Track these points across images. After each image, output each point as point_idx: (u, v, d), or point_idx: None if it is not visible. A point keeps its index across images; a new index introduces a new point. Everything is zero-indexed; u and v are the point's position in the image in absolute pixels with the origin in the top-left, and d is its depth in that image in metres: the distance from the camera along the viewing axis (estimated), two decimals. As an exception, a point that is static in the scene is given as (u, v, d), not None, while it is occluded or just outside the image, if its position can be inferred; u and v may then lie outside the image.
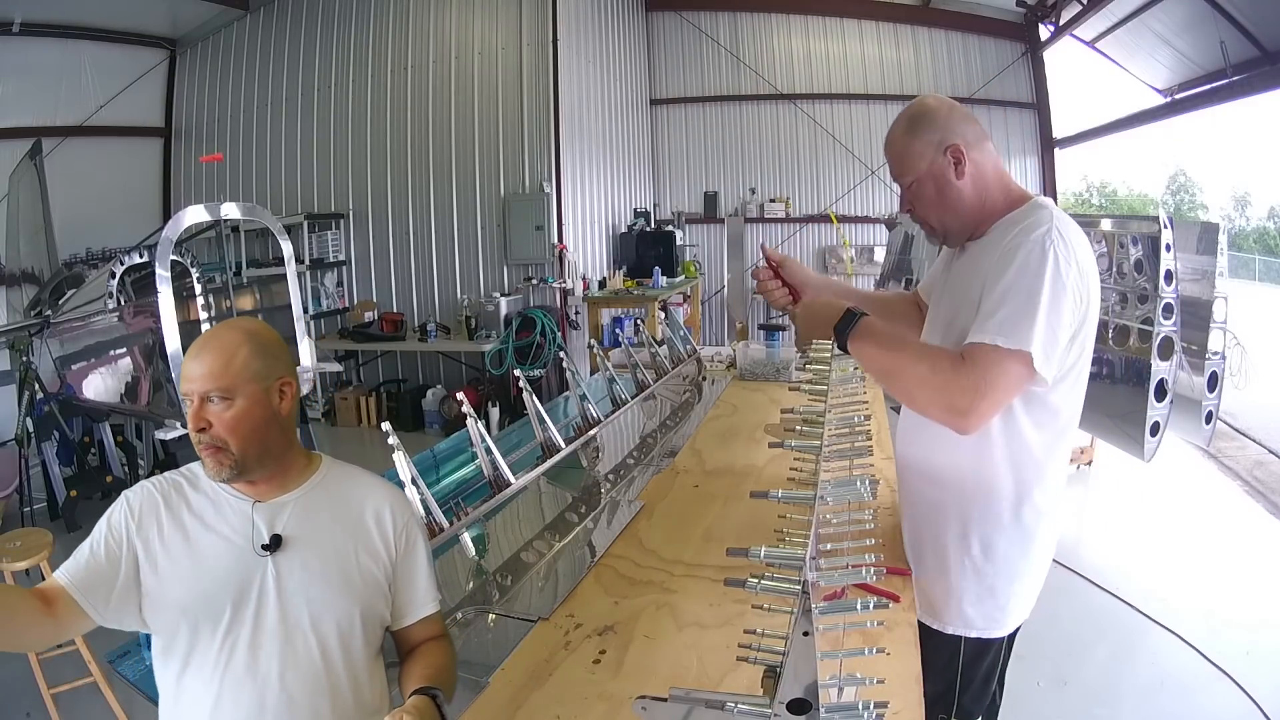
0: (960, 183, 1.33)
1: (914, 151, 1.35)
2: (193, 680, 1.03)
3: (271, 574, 1.05)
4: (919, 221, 1.42)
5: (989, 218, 1.36)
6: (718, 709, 0.90)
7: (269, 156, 7.36)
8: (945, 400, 1.21)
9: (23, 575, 2.46)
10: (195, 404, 1.06)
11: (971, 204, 1.35)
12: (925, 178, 1.35)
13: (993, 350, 1.18)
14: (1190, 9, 6.29)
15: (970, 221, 1.37)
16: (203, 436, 1.05)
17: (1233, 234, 25.07)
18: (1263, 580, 3.51)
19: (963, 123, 1.35)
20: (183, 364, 1.08)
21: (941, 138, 1.33)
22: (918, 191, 1.37)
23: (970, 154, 1.33)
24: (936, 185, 1.34)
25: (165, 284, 3.00)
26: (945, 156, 1.33)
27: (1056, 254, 1.20)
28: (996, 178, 1.36)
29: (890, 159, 1.41)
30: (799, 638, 1.01)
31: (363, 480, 1.19)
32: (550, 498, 2.03)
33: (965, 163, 1.32)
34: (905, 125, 1.37)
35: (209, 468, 1.07)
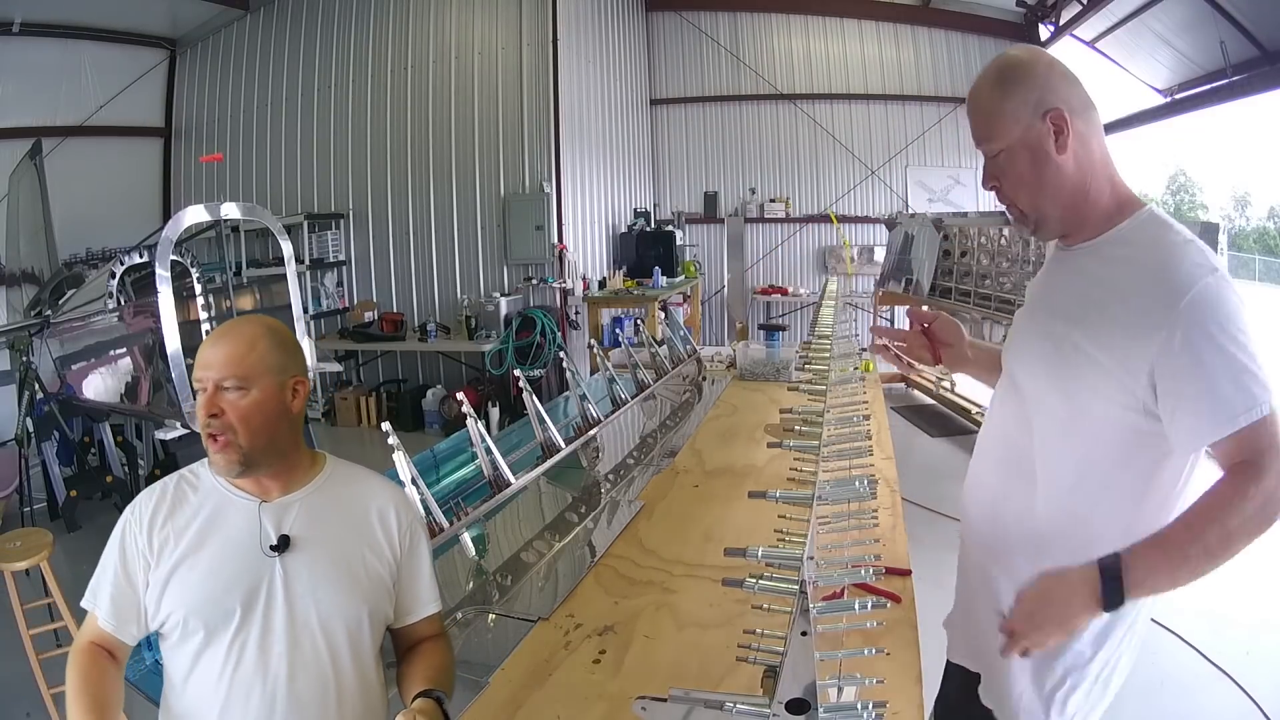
0: (1061, 158, 1.08)
1: (1005, 113, 1.09)
2: (200, 682, 1.02)
3: (280, 575, 1.04)
4: (1005, 202, 1.16)
5: (1093, 215, 1.12)
6: (717, 709, 0.91)
7: (269, 156, 7.36)
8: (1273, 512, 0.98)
9: (23, 575, 2.46)
10: (210, 390, 1.05)
11: (1074, 187, 1.10)
12: (1018, 147, 1.09)
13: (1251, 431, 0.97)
14: (1190, 9, 6.29)
15: (1070, 210, 1.12)
16: (213, 422, 1.04)
17: (1233, 234, 25.09)
18: (1263, 580, 3.51)
19: (1065, 83, 1.09)
20: (199, 351, 1.08)
21: (1040, 98, 1.08)
22: (1007, 163, 1.11)
23: (1075, 123, 1.08)
24: (1032, 157, 1.09)
25: (165, 284, 3.00)
26: (1044, 123, 1.07)
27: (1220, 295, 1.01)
28: (1104, 162, 1.12)
29: (973, 119, 1.15)
30: (797, 638, 1.01)
31: (367, 480, 1.19)
32: (550, 498, 2.03)
33: (1068, 133, 1.07)
34: (994, 79, 1.12)
35: (216, 460, 1.06)
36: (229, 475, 1.07)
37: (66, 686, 1.01)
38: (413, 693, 1.04)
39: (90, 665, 1.03)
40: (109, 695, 1.01)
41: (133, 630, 1.05)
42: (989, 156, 1.14)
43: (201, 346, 1.08)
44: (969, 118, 1.16)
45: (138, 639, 1.06)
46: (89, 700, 0.99)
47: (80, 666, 1.02)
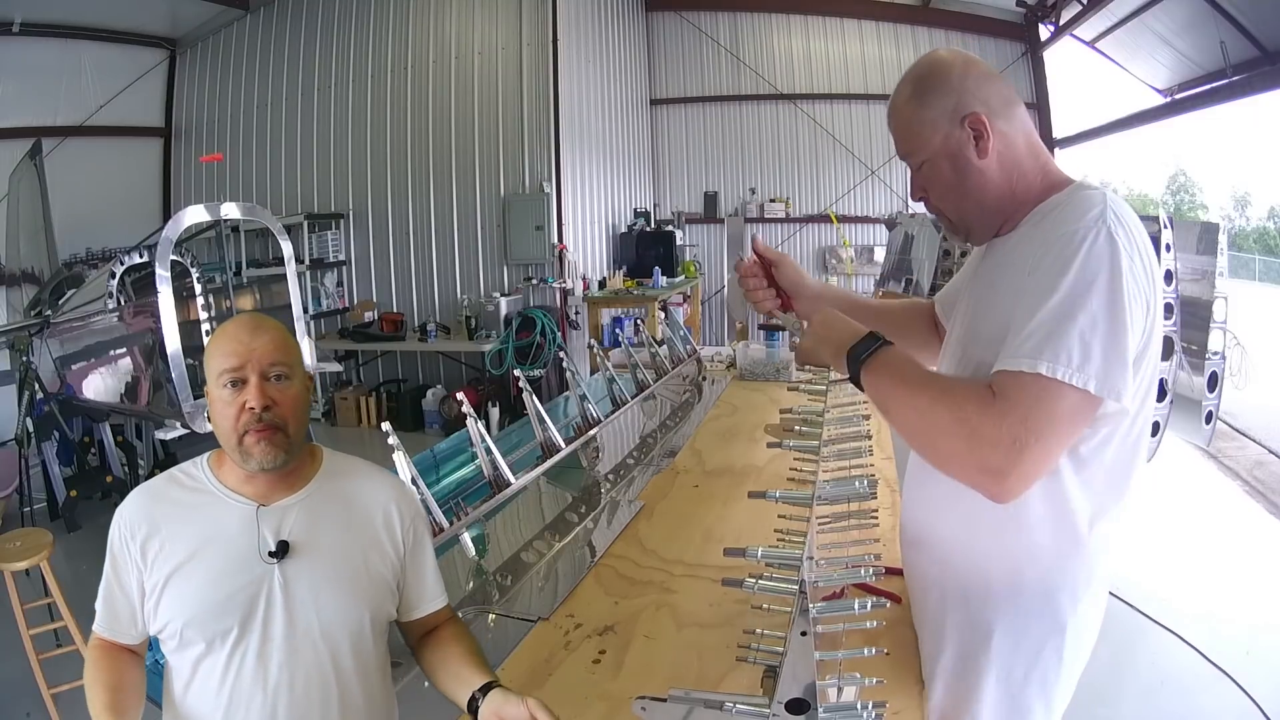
0: (983, 162, 1.04)
1: (923, 123, 1.06)
2: (200, 690, 1.01)
3: (279, 581, 1.01)
4: (933, 212, 1.14)
5: (1023, 206, 1.06)
6: (717, 709, 0.91)
7: (269, 156, 7.36)
8: (973, 458, 0.90)
9: (23, 575, 2.46)
10: (255, 380, 1.00)
11: (998, 189, 1.06)
12: (938, 157, 1.06)
13: (1033, 380, 0.88)
14: (1190, 9, 6.29)
15: (997, 211, 1.08)
16: (266, 415, 1.00)
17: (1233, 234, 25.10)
18: (1262, 580, 3.51)
19: (983, 83, 1.05)
20: (228, 339, 1.01)
21: (957, 104, 1.04)
22: (930, 173, 1.08)
23: (995, 124, 1.03)
24: (953, 166, 1.05)
25: (165, 284, 3.00)
26: (963, 129, 1.03)
27: (1115, 242, 0.90)
28: (1031, 154, 1.06)
29: (895, 133, 1.11)
30: (797, 638, 1.01)
31: (366, 475, 1.15)
32: (550, 498, 2.03)
33: (989, 136, 1.03)
34: (910, 89, 1.07)
35: (262, 451, 1.00)
36: (271, 465, 1.01)
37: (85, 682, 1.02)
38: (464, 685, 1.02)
39: (101, 657, 1.03)
40: (124, 682, 1.02)
41: (132, 633, 1.04)
42: (913, 169, 1.11)
43: (225, 337, 1.02)
44: (890, 131, 1.12)
45: (138, 640, 1.05)
46: (101, 687, 1.00)
47: (93, 660, 1.03)
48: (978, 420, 0.89)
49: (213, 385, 1.03)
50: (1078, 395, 0.88)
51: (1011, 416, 0.88)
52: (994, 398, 0.90)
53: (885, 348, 1.04)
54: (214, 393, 1.03)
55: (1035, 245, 0.97)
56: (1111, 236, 0.90)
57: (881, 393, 1.02)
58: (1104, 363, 0.87)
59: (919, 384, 0.98)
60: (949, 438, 0.93)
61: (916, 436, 0.99)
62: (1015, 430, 0.87)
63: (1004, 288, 1.02)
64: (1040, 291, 0.91)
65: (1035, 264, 0.94)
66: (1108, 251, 0.90)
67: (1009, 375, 0.90)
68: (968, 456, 0.91)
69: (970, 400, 0.91)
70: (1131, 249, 0.91)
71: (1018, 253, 1.02)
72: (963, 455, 0.92)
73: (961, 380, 0.99)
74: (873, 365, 1.03)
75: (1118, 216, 0.93)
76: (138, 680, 1.04)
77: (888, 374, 1.02)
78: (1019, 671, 1.07)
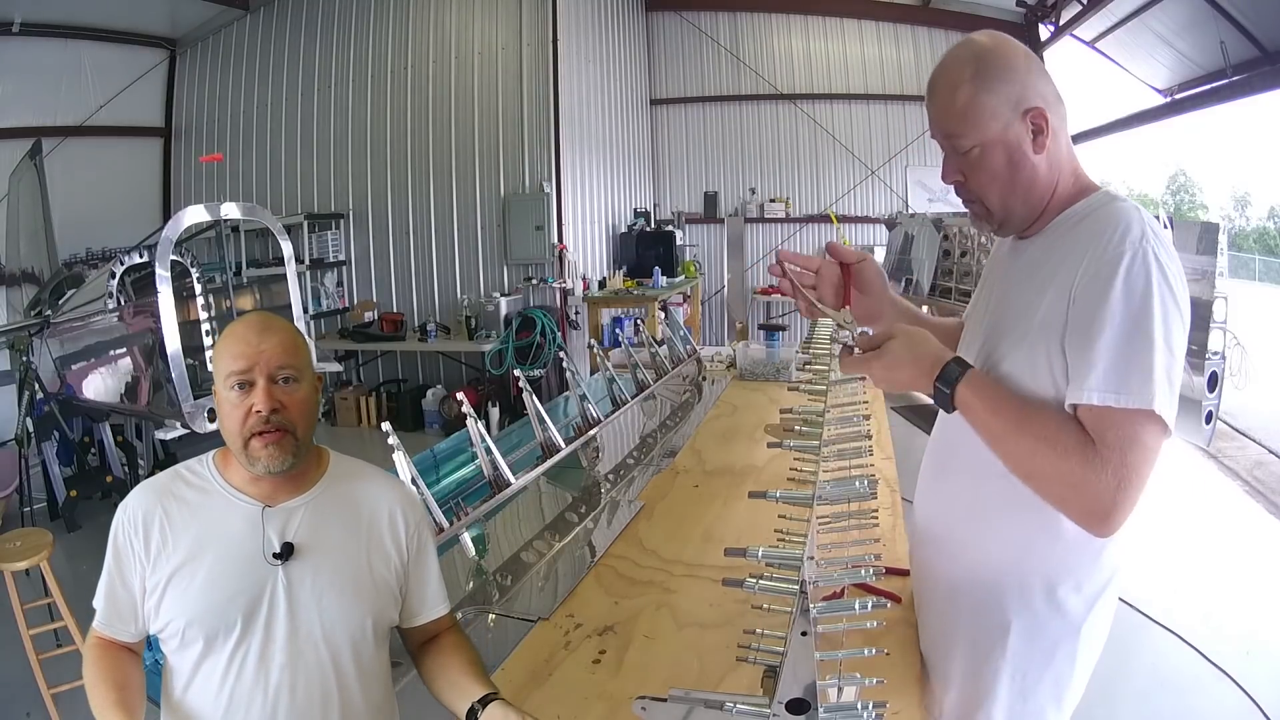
0: (1038, 158, 1.01)
1: (982, 108, 1.00)
2: (200, 691, 1.00)
3: (282, 584, 1.01)
4: (970, 199, 1.08)
5: (1054, 207, 1.05)
6: (717, 709, 0.91)
7: (269, 156, 7.36)
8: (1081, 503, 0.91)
9: (23, 575, 2.46)
10: (263, 383, 0.99)
11: (1045, 186, 1.03)
12: (994, 145, 1.01)
13: (1126, 417, 0.89)
14: (1190, 9, 6.29)
15: (1037, 208, 1.05)
16: (274, 418, 0.99)
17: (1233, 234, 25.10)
18: (1262, 580, 3.51)
19: (1043, 76, 1.02)
20: (236, 341, 1.01)
21: (1021, 94, 0.99)
22: (980, 161, 1.02)
23: (1051, 121, 1.01)
24: (1009, 157, 1.01)
25: (165, 284, 3.00)
26: (1024, 122, 1.00)
27: (1163, 269, 0.91)
28: (1070, 157, 1.05)
29: (944, 112, 1.03)
30: (797, 638, 1.01)
31: (372, 478, 1.15)
32: (550, 498, 2.03)
33: (1047, 132, 1.00)
34: (973, 70, 1.00)
35: (269, 455, 1.00)
36: (278, 469, 1.01)
37: (85, 681, 1.01)
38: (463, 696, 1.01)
39: (103, 655, 1.03)
40: (129, 680, 1.01)
41: (131, 630, 1.03)
42: (959, 151, 1.04)
43: (233, 338, 1.01)
44: (933, 107, 1.05)
45: (137, 638, 1.05)
46: (107, 686, 0.99)
47: (93, 658, 1.02)
48: (1082, 473, 0.90)
49: (220, 386, 1.02)
50: (1160, 424, 0.90)
51: (1113, 462, 0.89)
52: (1093, 445, 0.90)
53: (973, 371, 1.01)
54: (221, 394, 1.02)
55: (1074, 256, 0.96)
56: (1159, 260, 0.91)
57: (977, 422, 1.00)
58: (1170, 389, 0.90)
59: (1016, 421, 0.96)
60: (1055, 483, 0.93)
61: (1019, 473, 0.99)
62: (1119, 474, 0.89)
63: (1037, 291, 1.01)
64: (1102, 317, 0.91)
65: (1088, 283, 0.93)
66: (1158, 276, 0.91)
67: (1100, 413, 0.90)
68: (1076, 501, 0.92)
69: (1074, 450, 0.91)
70: (1173, 268, 0.92)
71: (1053, 258, 1.01)
72: (1070, 499, 0.93)
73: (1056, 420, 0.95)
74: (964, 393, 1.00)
75: (1157, 236, 0.93)
76: (140, 679, 1.04)
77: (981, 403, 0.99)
78: (1034, 672, 1.06)
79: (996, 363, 1.05)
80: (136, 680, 1.03)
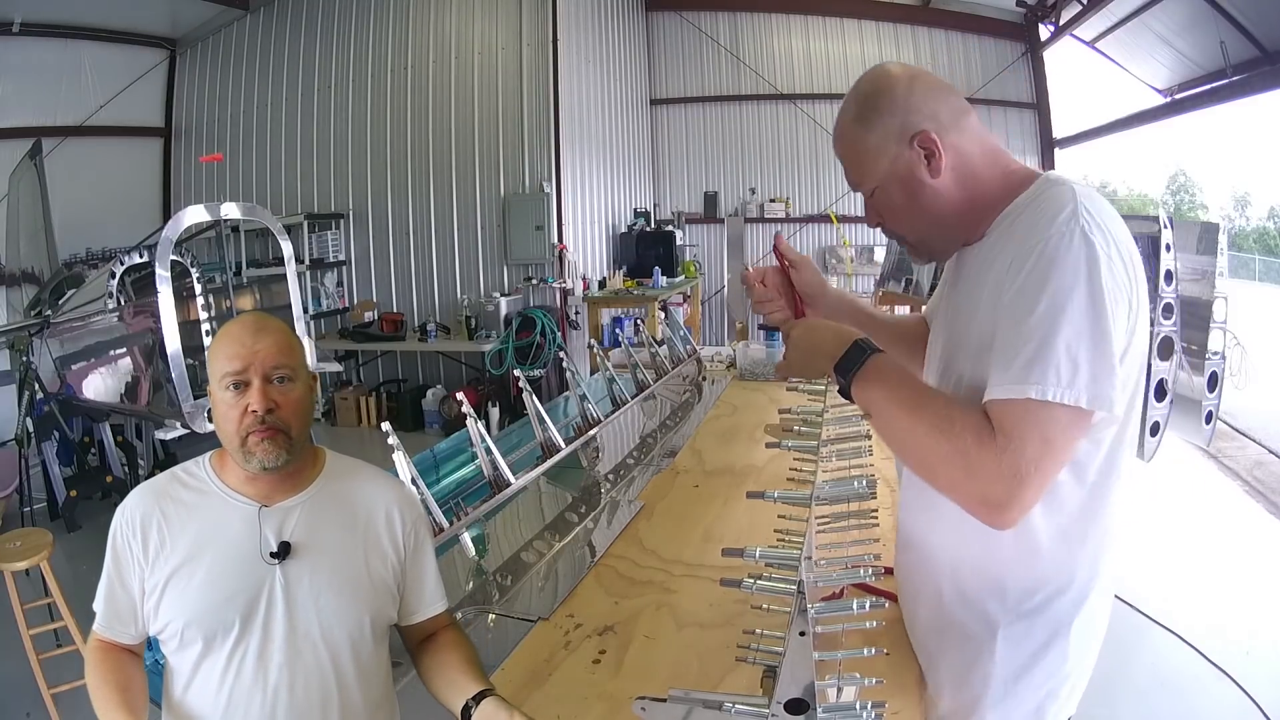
0: (937, 181, 1.00)
1: (868, 148, 1.01)
2: (200, 691, 1.01)
3: (280, 583, 1.01)
4: (892, 236, 1.09)
5: (986, 212, 1.01)
6: (716, 709, 0.91)
7: (269, 156, 7.36)
8: (973, 490, 0.88)
9: (23, 575, 2.47)
10: (258, 383, 1.00)
11: (956, 205, 1.01)
12: (889, 181, 1.02)
13: (1024, 407, 0.85)
14: (1190, 9, 6.29)
15: (958, 226, 1.04)
16: (269, 417, 1.00)
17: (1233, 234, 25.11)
18: (1262, 580, 3.51)
19: (929, 97, 1.00)
20: (231, 342, 1.01)
21: (904, 123, 0.99)
22: (883, 199, 1.04)
23: (946, 139, 0.98)
24: (905, 189, 1.01)
25: (165, 284, 3.00)
26: (912, 149, 0.99)
27: (1090, 241, 0.86)
28: (988, 161, 1.02)
29: (842, 161, 1.06)
30: (796, 638, 1.02)
31: (368, 477, 1.15)
32: (550, 498, 2.03)
33: (940, 154, 0.98)
34: (855, 111, 1.02)
35: (264, 451, 1.00)
36: (273, 464, 1.01)
37: (88, 684, 1.02)
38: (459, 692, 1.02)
39: (105, 657, 1.03)
40: (132, 682, 1.02)
41: (131, 633, 1.04)
42: (866, 196, 1.06)
43: (228, 339, 1.02)
44: (838, 158, 1.07)
45: (138, 640, 1.05)
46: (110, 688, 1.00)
47: (95, 661, 1.03)
48: (976, 454, 0.86)
49: (215, 386, 1.02)
50: (1069, 413, 0.84)
51: (1009, 450, 0.85)
52: (991, 431, 0.86)
53: (874, 358, 0.99)
54: (216, 394, 1.03)
55: (1008, 252, 0.93)
56: (1086, 237, 0.86)
57: (874, 408, 0.98)
58: (1092, 374, 0.84)
59: (913, 405, 0.93)
60: (947, 466, 0.90)
61: (911, 459, 0.97)
62: (1014, 463, 0.84)
63: (981, 297, 0.98)
64: (1021, 307, 0.87)
65: (1012, 275, 0.90)
66: (1084, 254, 0.86)
67: (1000, 405, 0.87)
68: (967, 487, 0.88)
69: (968, 432, 0.87)
70: (1109, 246, 0.87)
71: (991, 259, 0.98)
72: (962, 485, 0.89)
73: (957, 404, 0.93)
74: (863, 378, 0.98)
75: (1090, 212, 0.88)
76: (142, 681, 1.04)
77: (879, 388, 0.97)
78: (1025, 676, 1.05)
79: (958, 378, 1.02)
80: (139, 682, 1.03)
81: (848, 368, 0.99)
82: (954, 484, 0.90)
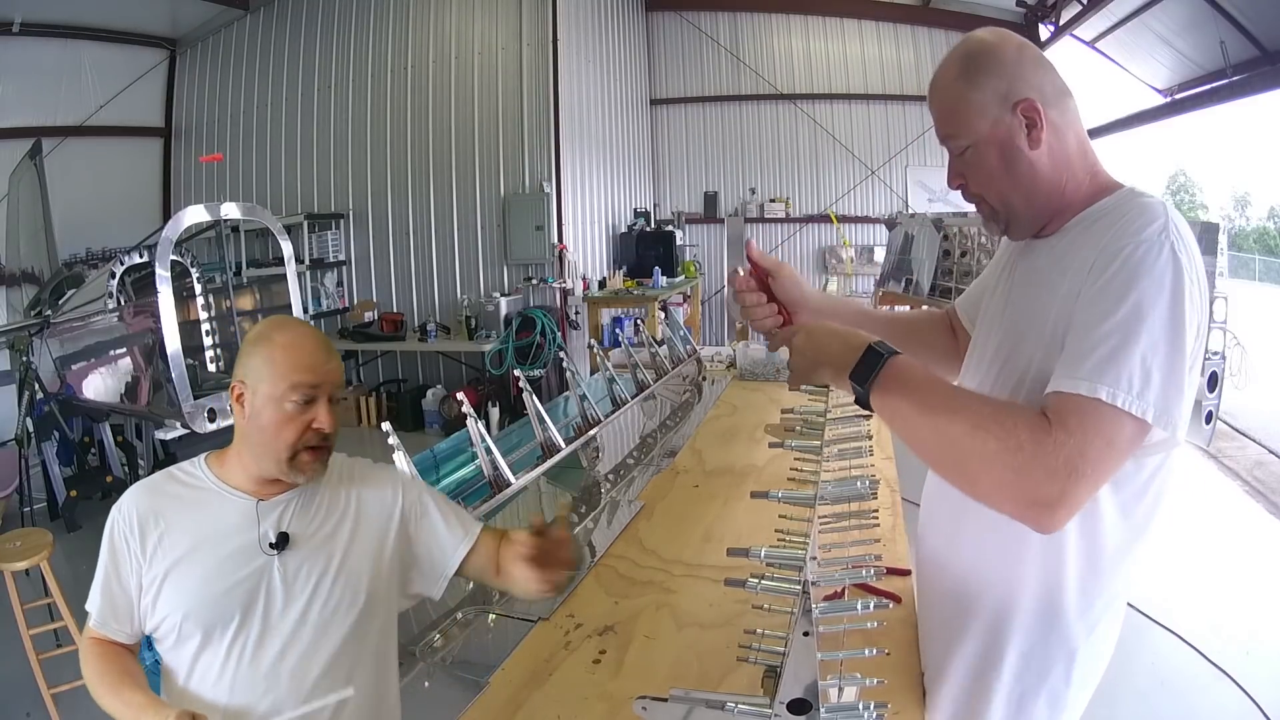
0: (1035, 153, 0.97)
1: (970, 105, 0.98)
2: (199, 684, 1.01)
3: (279, 573, 1.03)
4: (973, 200, 1.05)
5: (1069, 207, 0.99)
6: (718, 709, 0.91)
7: (269, 156, 7.36)
8: (1023, 489, 0.82)
9: (23, 575, 2.46)
10: (325, 402, 1.05)
11: (1048, 183, 0.98)
12: (986, 143, 0.98)
13: (1093, 406, 0.81)
14: (1190, 9, 6.29)
15: (1044, 208, 1.00)
16: (330, 437, 1.06)
17: (1233, 234, 25.13)
18: (1262, 580, 3.51)
19: (1037, 70, 0.98)
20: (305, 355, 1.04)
21: (1009, 88, 0.96)
22: (975, 160, 1.00)
23: (1048, 114, 0.96)
24: (1002, 154, 0.98)
25: (165, 284, 3.00)
26: (1014, 116, 0.96)
27: (1177, 260, 0.84)
28: (1081, 153, 0.99)
29: (937, 113, 1.03)
30: (799, 638, 1.01)
31: (361, 465, 1.18)
32: (550, 498, 2.03)
33: (1042, 126, 0.96)
34: (959, 68, 0.99)
35: (313, 470, 1.06)
36: (319, 478, 1.08)
37: (85, 678, 1.02)
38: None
39: (106, 650, 1.04)
40: (129, 666, 1.03)
41: (127, 631, 1.04)
42: (955, 153, 1.02)
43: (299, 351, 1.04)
44: (931, 111, 1.03)
45: (133, 639, 1.05)
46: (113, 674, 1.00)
47: (95, 654, 1.03)
48: (1033, 448, 0.81)
49: (274, 392, 1.03)
50: (1134, 424, 0.82)
51: (1069, 445, 0.81)
52: (1049, 424, 0.82)
53: (893, 360, 0.93)
54: (273, 401, 1.03)
55: (1090, 250, 0.91)
56: (1175, 255, 0.84)
57: (899, 416, 0.92)
58: (1162, 390, 0.82)
59: (949, 408, 0.88)
60: (995, 467, 0.84)
61: (946, 465, 0.91)
62: (1072, 459, 0.80)
63: (1056, 292, 0.94)
64: (1101, 308, 0.85)
65: (1096, 273, 0.87)
66: (1171, 269, 0.84)
67: (1066, 399, 0.83)
68: (1017, 487, 0.83)
69: (1023, 426, 0.83)
70: (1192, 269, 0.85)
71: (1069, 256, 0.95)
72: (1011, 485, 0.83)
73: (1002, 403, 0.90)
74: (885, 382, 0.92)
75: (1179, 232, 0.87)
76: (141, 672, 1.04)
77: (905, 391, 0.91)
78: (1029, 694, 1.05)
79: (1022, 373, 0.99)
80: (138, 671, 1.04)
81: (865, 375, 0.93)
82: (1000, 485, 0.85)
